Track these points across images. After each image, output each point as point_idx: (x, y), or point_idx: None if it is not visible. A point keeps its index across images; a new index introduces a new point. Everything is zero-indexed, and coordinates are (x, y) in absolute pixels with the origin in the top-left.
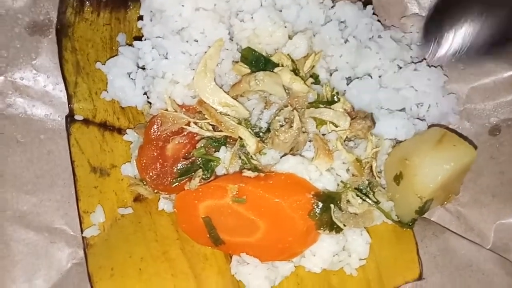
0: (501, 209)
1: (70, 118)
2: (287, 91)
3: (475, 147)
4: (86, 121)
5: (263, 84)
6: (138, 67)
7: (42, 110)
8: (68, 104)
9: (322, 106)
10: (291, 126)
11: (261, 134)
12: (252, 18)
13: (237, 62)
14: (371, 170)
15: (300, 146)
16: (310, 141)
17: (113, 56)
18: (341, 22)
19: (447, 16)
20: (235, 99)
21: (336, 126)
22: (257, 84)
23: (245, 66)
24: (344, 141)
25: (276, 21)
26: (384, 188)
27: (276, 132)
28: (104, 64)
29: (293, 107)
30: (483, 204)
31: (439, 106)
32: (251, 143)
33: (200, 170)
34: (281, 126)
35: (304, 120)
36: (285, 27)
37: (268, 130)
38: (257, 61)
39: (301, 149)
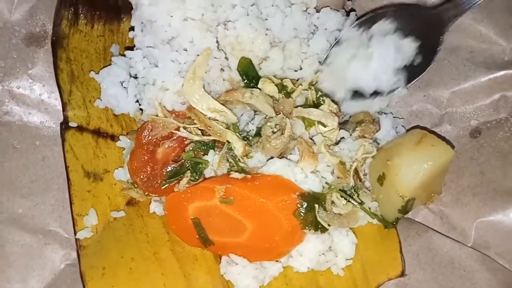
0: (481, 207)
1: (64, 125)
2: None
3: (453, 147)
4: (80, 128)
5: (256, 100)
6: (131, 76)
7: (37, 118)
8: (63, 111)
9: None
10: (283, 134)
11: (250, 138)
12: (235, 26)
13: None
14: (356, 173)
15: (289, 151)
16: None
17: (107, 66)
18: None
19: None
20: (223, 105)
21: (325, 126)
22: (251, 99)
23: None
24: (335, 144)
25: (257, 29)
26: (369, 190)
27: (268, 139)
28: (98, 74)
29: (284, 115)
30: (464, 204)
31: None
32: (238, 146)
33: (189, 172)
34: (273, 132)
35: (292, 122)
36: (266, 34)
37: (257, 134)
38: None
39: (288, 153)
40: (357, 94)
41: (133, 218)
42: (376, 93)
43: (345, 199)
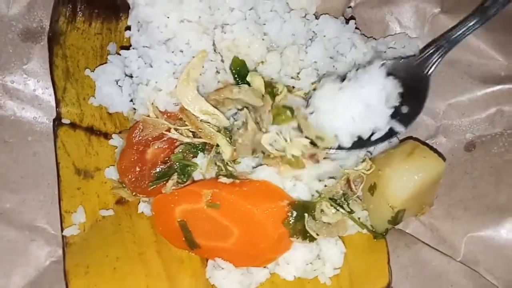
0: (472, 222)
1: (57, 122)
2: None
3: (444, 160)
4: (73, 125)
5: (245, 94)
6: (126, 75)
7: (31, 113)
8: (56, 108)
9: None
10: (246, 129)
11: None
12: (232, 29)
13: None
14: (348, 182)
15: (260, 146)
16: None
17: (103, 64)
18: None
19: None
20: (215, 107)
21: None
22: (239, 93)
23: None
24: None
25: (254, 33)
26: (361, 199)
27: (237, 137)
28: (93, 71)
29: (247, 107)
30: (455, 217)
31: None
32: (226, 151)
33: (176, 174)
34: (238, 129)
35: (257, 118)
36: (263, 39)
37: None
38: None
39: (261, 149)
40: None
41: (121, 217)
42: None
43: (335, 207)
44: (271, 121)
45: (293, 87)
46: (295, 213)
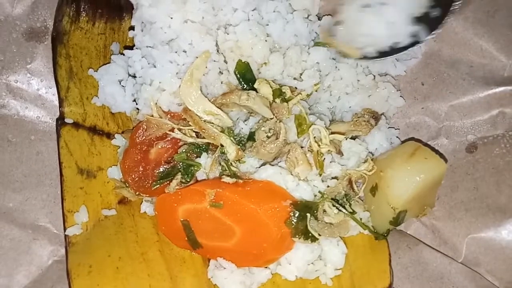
0: (473, 223)
1: (60, 121)
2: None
3: (446, 161)
4: (76, 125)
5: (253, 102)
6: (129, 75)
7: (34, 112)
8: (60, 107)
9: None
10: (277, 138)
11: (242, 142)
12: (235, 30)
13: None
14: (350, 182)
15: (283, 156)
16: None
17: (106, 64)
18: None
19: None
20: (219, 108)
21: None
22: (247, 101)
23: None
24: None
25: (257, 34)
26: (362, 200)
27: (262, 143)
28: (97, 71)
29: (278, 119)
30: (457, 218)
31: None
32: (231, 151)
33: (179, 174)
34: (268, 137)
35: (286, 128)
36: (266, 40)
37: (250, 138)
38: (249, 79)
39: (283, 158)
40: (372, 53)
41: (124, 217)
42: (393, 51)
43: (337, 208)
44: (295, 133)
45: (296, 88)
46: (297, 213)
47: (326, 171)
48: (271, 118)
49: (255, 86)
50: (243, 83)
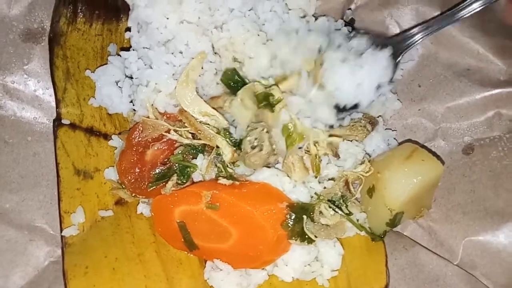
0: (470, 226)
1: (57, 122)
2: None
3: (443, 163)
4: (73, 126)
5: (233, 110)
6: (126, 76)
7: (31, 113)
8: (56, 108)
9: None
10: (261, 150)
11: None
12: (228, 28)
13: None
14: (346, 184)
15: (272, 164)
16: None
17: (103, 65)
18: None
19: None
20: (215, 109)
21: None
22: (229, 108)
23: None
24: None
25: (249, 30)
26: (359, 201)
27: (247, 154)
28: (94, 72)
29: (263, 127)
30: (454, 221)
31: None
32: (227, 152)
33: (175, 175)
34: (252, 148)
35: (273, 141)
36: (258, 35)
37: (239, 145)
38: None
39: (272, 165)
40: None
41: (120, 218)
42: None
43: (333, 209)
44: (284, 145)
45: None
46: (293, 215)
47: (323, 173)
48: (255, 129)
49: (238, 94)
50: (232, 89)
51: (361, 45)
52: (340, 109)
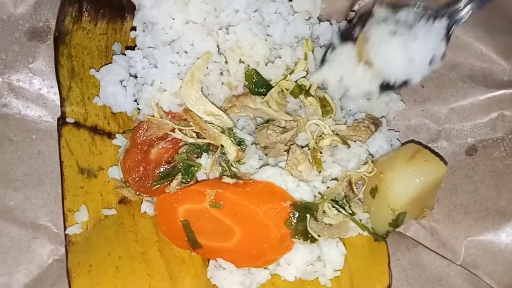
0: (472, 226)
1: (62, 121)
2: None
3: (446, 163)
4: (77, 124)
5: (267, 105)
6: (131, 75)
7: (35, 112)
8: (61, 107)
9: None
10: (283, 133)
11: (244, 144)
12: (235, 30)
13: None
14: (349, 184)
15: (274, 153)
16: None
17: (108, 64)
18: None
19: None
20: (222, 110)
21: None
22: (262, 104)
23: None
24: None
25: (257, 34)
26: (362, 202)
27: (270, 126)
28: (98, 71)
29: (296, 122)
30: (456, 221)
31: None
32: (231, 151)
33: (180, 174)
34: (278, 126)
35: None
36: (266, 40)
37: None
38: (261, 85)
39: (274, 157)
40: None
41: (124, 217)
42: (403, 84)
43: (336, 209)
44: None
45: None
46: (297, 214)
47: (326, 172)
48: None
49: (270, 92)
50: (255, 90)
51: (410, 17)
52: (386, 87)
